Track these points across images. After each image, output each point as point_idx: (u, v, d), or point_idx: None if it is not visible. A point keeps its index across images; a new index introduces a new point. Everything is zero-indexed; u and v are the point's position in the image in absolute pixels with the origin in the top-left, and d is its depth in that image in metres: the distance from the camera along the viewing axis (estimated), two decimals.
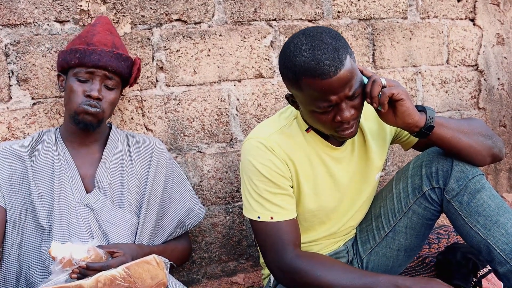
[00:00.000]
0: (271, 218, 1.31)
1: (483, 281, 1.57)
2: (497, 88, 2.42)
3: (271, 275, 1.48)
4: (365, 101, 1.27)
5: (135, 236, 1.43)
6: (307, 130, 1.36)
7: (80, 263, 1.19)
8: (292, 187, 1.36)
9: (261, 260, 1.58)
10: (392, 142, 1.53)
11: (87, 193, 1.41)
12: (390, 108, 1.25)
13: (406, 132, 1.48)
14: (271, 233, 1.32)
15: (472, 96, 2.36)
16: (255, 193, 1.33)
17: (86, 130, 1.43)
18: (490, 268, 1.58)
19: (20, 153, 1.40)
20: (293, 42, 1.19)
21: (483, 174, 1.35)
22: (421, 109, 1.29)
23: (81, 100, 1.39)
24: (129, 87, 1.56)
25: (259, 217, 1.33)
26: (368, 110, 1.41)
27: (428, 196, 1.38)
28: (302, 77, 1.16)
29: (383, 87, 1.23)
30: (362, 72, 1.27)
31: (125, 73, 1.46)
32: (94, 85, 1.40)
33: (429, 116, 1.26)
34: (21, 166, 1.39)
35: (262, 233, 1.34)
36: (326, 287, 1.22)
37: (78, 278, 1.18)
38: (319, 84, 1.15)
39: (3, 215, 1.35)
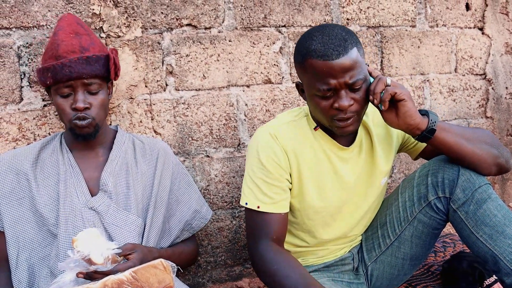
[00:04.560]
0: (258, 207, 1.33)
1: None
2: (505, 97, 2.41)
3: None
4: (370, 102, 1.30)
5: (142, 238, 1.44)
6: (315, 128, 1.38)
7: (91, 268, 1.20)
8: (290, 181, 1.37)
9: None
10: (399, 151, 1.53)
11: (92, 196, 1.42)
12: (393, 109, 1.29)
13: (413, 140, 1.49)
14: (255, 221, 1.35)
15: (479, 105, 2.36)
16: (250, 179, 1.36)
17: (87, 140, 1.44)
18: (496, 277, 1.58)
19: (22, 168, 1.42)
20: (308, 31, 1.29)
21: (489, 184, 1.35)
22: (424, 113, 1.32)
23: (71, 115, 1.38)
24: (116, 79, 1.51)
25: (246, 203, 1.35)
26: (377, 117, 1.43)
27: (434, 205, 1.38)
28: (307, 57, 1.23)
29: (387, 85, 1.27)
30: (370, 74, 1.32)
31: (103, 73, 1.42)
32: (77, 96, 1.37)
33: (431, 120, 1.29)
34: (22, 180, 1.41)
35: (247, 219, 1.38)
36: (276, 283, 1.25)
37: (84, 278, 1.20)
38: (321, 65, 1.21)
39: (2, 238, 1.39)
